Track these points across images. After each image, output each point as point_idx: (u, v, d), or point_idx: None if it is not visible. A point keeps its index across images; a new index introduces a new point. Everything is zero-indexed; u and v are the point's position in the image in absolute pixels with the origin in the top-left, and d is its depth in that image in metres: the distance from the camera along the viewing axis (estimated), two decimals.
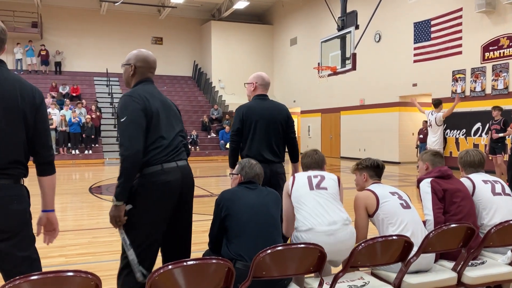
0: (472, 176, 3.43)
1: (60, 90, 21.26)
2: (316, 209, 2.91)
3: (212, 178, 12.78)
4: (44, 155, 2.42)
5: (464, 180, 3.39)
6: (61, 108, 18.46)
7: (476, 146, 13.37)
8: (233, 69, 24.32)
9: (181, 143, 2.87)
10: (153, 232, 2.72)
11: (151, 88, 2.85)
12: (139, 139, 2.63)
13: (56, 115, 17.67)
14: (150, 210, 2.68)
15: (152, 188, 2.66)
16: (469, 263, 2.90)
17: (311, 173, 3.16)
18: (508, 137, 9.46)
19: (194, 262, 1.97)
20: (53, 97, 19.89)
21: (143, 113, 2.66)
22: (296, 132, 19.48)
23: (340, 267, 2.86)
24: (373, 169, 3.21)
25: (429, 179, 3.19)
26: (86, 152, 18.05)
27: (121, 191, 2.63)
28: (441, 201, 3.09)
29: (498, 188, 3.40)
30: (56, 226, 2.56)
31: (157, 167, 2.68)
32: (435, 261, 3.03)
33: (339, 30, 11.29)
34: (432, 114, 9.69)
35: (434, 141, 9.56)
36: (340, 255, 2.83)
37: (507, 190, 3.46)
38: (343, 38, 11.07)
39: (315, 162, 3.27)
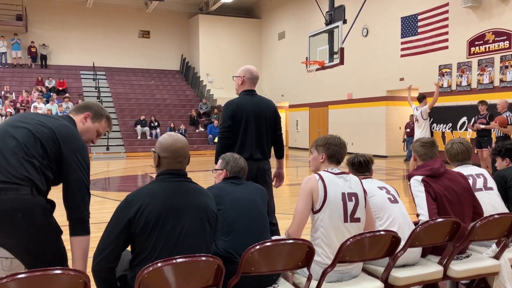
0: (456, 170, 3.44)
1: (46, 84, 21.00)
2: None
3: (200, 173, 12.74)
4: (71, 208, 2.32)
5: None
6: (47, 102, 18.25)
7: None
8: (221, 63, 24.23)
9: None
10: None
11: (170, 185, 2.29)
12: (106, 251, 2.21)
13: (42, 110, 17.47)
14: None
15: None
16: (455, 257, 2.94)
17: (343, 184, 2.71)
18: (493, 130, 9.58)
19: (184, 259, 1.96)
20: (39, 91, 19.65)
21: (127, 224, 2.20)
22: (284, 127, 19.33)
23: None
24: (352, 166, 3.20)
25: (420, 177, 3.11)
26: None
27: None
28: (434, 201, 3.05)
29: (479, 183, 3.42)
30: None
31: None
32: (424, 256, 3.06)
33: (327, 24, 11.31)
34: (417, 110, 9.89)
35: (419, 136, 9.79)
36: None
37: (490, 183, 3.47)
38: (331, 33, 11.09)
39: (341, 154, 2.83)
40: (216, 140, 3.70)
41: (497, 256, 3.01)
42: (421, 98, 9.92)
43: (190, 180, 2.36)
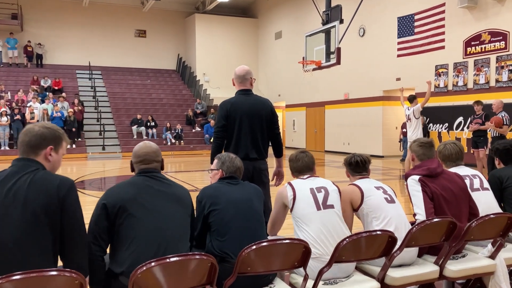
0: (451, 170, 3.45)
1: (42, 83, 20.91)
2: (323, 234, 2.71)
3: (197, 173, 12.74)
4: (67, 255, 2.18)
5: None
6: (43, 102, 18.18)
7: (458, 140, 13.55)
8: (218, 62, 24.22)
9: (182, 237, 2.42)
10: None
11: (140, 180, 2.48)
12: (92, 236, 2.33)
13: (37, 109, 17.40)
14: None
15: None
16: (451, 257, 2.94)
17: (311, 183, 2.94)
18: (489, 131, 9.61)
19: (177, 258, 1.96)
20: (35, 90, 19.58)
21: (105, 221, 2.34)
22: (281, 127, 19.39)
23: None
24: (349, 166, 3.23)
25: (417, 177, 3.13)
26: (68, 146, 17.77)
27: None
28: (431, 201, 3.06)
29: (477, 183, 3.44)
30: None
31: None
32: (420, 256, 3.06)
33: (323, 24, 11.32)
34: (409, 109, 9.96)
35: (411, 135, 9.87)
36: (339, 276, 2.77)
37: (486, 184, 3.50)
38: (327, 33, 11.10)
39: (306, 165, 3.08)
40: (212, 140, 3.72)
41: (492, 256, 3.02)
42: (412, 98, 10.00)
43: (164, 176, 2.56)
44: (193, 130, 21.25)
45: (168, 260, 1.94)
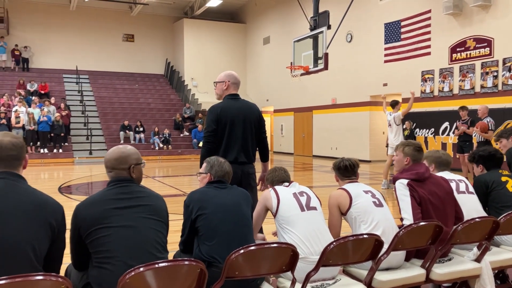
0: (439, 175, 3.49)
1: (28, 87, 20.68)
2: (309, 234, 2.77)
3: (185, 178, 12.69)
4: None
5: None
6: (29, 106, 17.98)
7: (444, 145, 13.70)
8: (206, 67, 24.19)
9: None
10: None
11: (115, 191, 2.35)
12: (75, 257, 2.37)
13: (23, 113, 17.20)
14: None
15: None
16: (437, 260, 2.97)
17: (293, 189, 3.03)
18: (474, 135, 9.72)
19: (166, 264, 1.95)
20: (20, 95, 19.35)
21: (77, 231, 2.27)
22: (269, 132, 19.34)
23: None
24: (338, 170, 3.25)
25: (406, 181, 3.13)
26: (55, 151, 17.63)
27: None
28: (419, 205, 3.08)
29: (462, 187, 3.49)
30: None
31: None
32: (408, 259, 3.07)
33: (311, 30, 11.40)
34: (390, 115, 9.99)
35: (394, 141, 9.80)
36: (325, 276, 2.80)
37: (471, 188, 3.55)
38: (315, 38, 11.18)
39: (283, 177, 3.18)
40: (200, 144, 3.72)
41: (478, 259, 3.05)
42: (394, 104, 10.01)
43: (137, 184, 2.45)
44: (181, 135, 21.18)
45: (156, 265, 1.93)
